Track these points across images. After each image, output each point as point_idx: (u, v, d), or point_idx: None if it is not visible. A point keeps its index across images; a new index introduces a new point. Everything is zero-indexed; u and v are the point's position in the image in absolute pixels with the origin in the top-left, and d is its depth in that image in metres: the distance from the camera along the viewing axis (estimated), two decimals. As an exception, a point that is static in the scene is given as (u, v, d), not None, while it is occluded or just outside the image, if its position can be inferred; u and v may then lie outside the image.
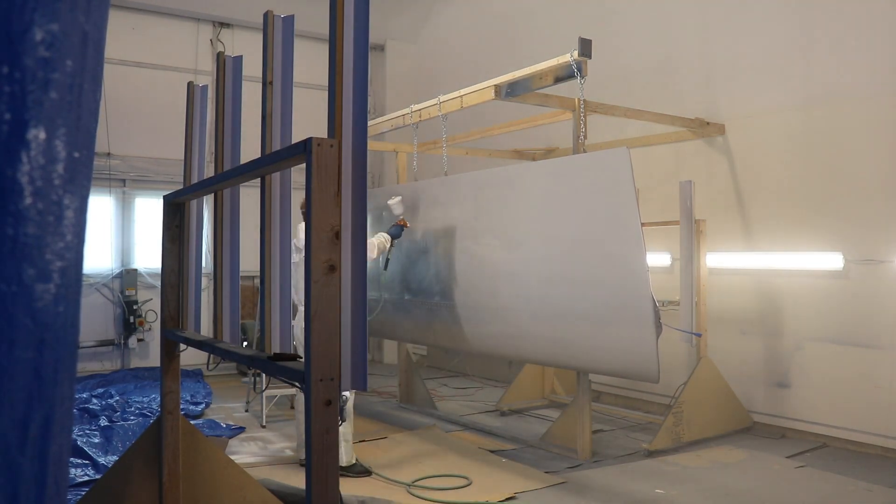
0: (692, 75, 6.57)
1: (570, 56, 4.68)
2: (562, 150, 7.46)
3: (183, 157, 3.35)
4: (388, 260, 5.67)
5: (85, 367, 8.32)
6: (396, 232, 5.47)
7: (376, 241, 5.19)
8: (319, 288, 1.77)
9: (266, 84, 2.49)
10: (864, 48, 5.32)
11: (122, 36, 8.63)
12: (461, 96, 5.55)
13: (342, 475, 4.50)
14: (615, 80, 6.88)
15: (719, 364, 5.78)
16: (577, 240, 4.72)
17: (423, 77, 10.37)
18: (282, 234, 2.42)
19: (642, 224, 4.36)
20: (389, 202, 5.67)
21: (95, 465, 4.59)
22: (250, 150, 2.52)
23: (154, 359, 8.22)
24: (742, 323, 6.06)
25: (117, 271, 8.68)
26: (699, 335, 5.58)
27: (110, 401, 6.36)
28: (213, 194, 2.91)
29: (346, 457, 4.58)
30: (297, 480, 4.42)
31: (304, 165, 1.84)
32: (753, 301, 6.00)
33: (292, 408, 6.60)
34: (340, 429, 4.47)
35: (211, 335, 2.99)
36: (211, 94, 3.18)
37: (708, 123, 6.14)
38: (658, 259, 6.62)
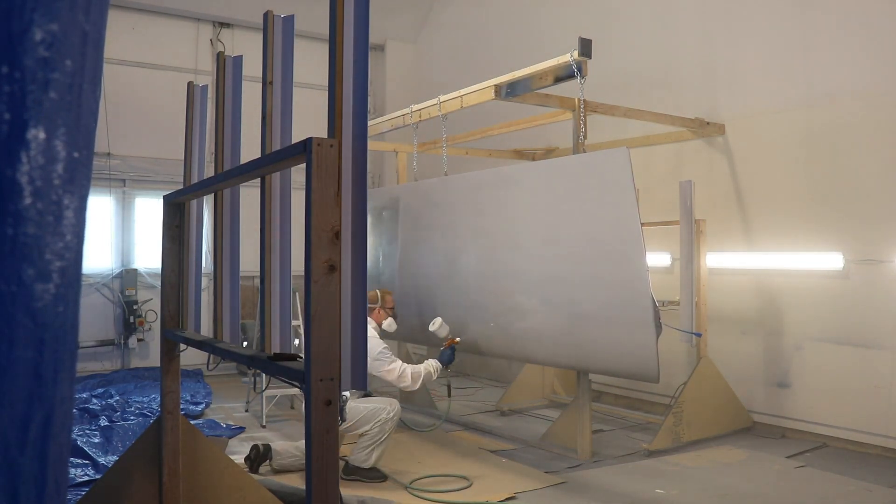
0: (692, 75, 6.57)
1: (570, 56, 4.68)
2: (562, 150, 7.46)
3: (183, 157, 3.35)
4: (449, 386, 5.01)
5: (85, 367, 8.32)
6: (449, 357, 4.83)
7: (423, 371, 4.64)
8: (319, 288, 1.77)
9: (266, 84, 2.49)
10: (865, 48, 5.31)
11: (122, 36, 8.62)
12: (461, 96, 5.55)
13: (356, 479, 4.49)
14: (615, 80, 6.88)
15: (719, 364, 5.78)
16: (577, 240, 4.72)
17: (423, 77, 10.37)
18: (282, 234, 2.42)
19: (642, 224, 4.36)
20: (431, 328, 5.03)
21: (95, 465, 4.59)
22: (250, 150, 2.52)
23: (154, 359, 8.22)
24: (742, 323, 6.06)
25: (117, 271, 8.67)
26: (699, 335, 5.57)
27: (110, 401, 6.36)
28: (213, 194, 2.91)
29: (373, 458, 4.51)
30: (297, 480, 4.42)
31: (304, 165, 1.84)
32: (753, 301, 6.00)
33: (292, 408, 6.61)
34: (382, 436, 4.45)
35: (211, 335, 2.99)
36: (211, 94, 3.18)
37: (708, 123, 6.14)
38: (658, 259, 6.62)
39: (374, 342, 4.61)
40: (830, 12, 5.52)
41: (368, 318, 4.79)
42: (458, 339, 5.03)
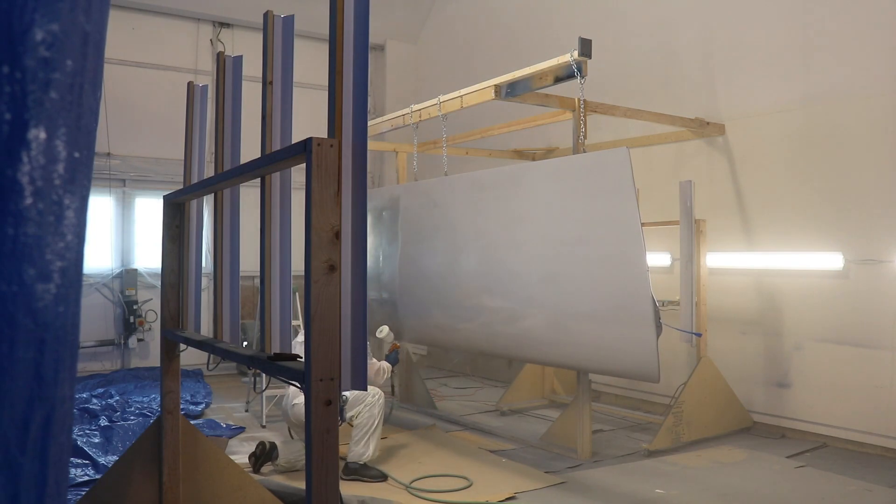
0: (692, 75, 6.57)
1: (570, 56, 4.68)
2: (562, 150, 7.46)
3: (183, 157, 3.35)
4: (393, 386, 5.78)
5: (85, 367, 8.32)
6: (395, 359, 5.49)
7: (386, 367, 5.23)
8: (319, 288, 1.77)
9: (266, 84, 2.49)
10: (864, 48, 5.32)
11: (122, 36, 8.62)
12: (461, 96, 5.55)
13: (356, 479, 4.50)
14: (615, 80, 6.88)
15: (719, 364, 5.78)
16: (578, 240, 4.72)
17: (423, 77, 10.37)
18: (282, 234, 2.42)
19: (642, 224, 4.36)
20: (379, 335, 5.67)
21: (95, 465, 4.59)
22: (250, 150, 2.52)
23: (154, 359, 8.22)
24: (742, 323, 6.06)
25: (117, 271, 8.67)
26: (699, 335, 5.58)
27: (110, 401, 6.36)
28: (213, 194, 2.91)
29: (371, 450, 4.58)
30: (297, 480, 4.42)
31: (304, 165, 1.84)
32: (753, 301, 6.00)
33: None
34: (372, 423, 4.59)
35: (211, 335, 2.99)
36: (211, 94, 3.18)
37: (708, 123, 6.14)
38: (658, 259, 6.62)
39: None
40: (830, 12, 5.52)
41: None
42: (398, 344, 5.76)
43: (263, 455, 4.59)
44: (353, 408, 4.59)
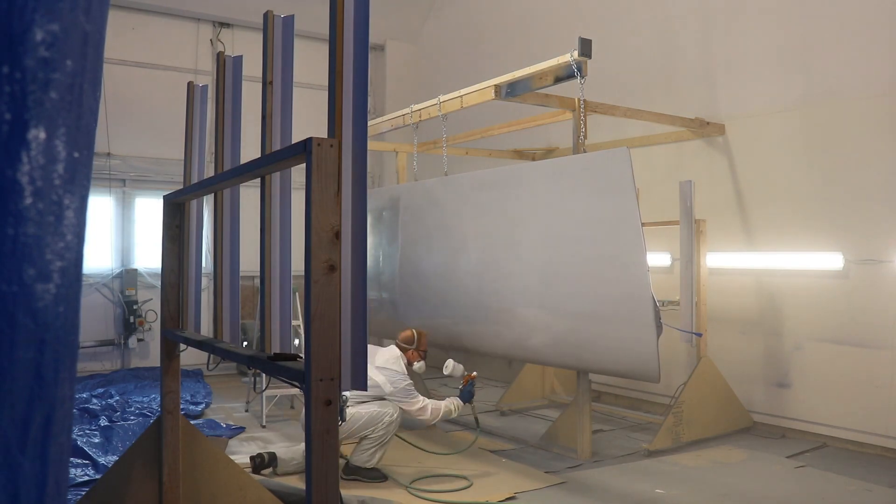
0: (692, 75, 6.57)
1: (570, 56, 4.68)
2: (562, 150, 7.46)
3: (183, 157, 3.35)
4: (476, 418, 4.95)
5: (85, 367, 8.32)
6: (469, 394, 4.75)
7: (443, 408, 4.63)
8: (319, 288, 1.77)
9: (266, 84, 2.49)
10: (864, 48, 5.32)
11: (122, 36, 8.62)
12: (461, 96, 5.55)
13: (356, 479, 4.49)
14: (615, 80, 6.88)
15: (719, 364, 5.78)
16: (578, 240, 4.72)
17: (423, 77, 10.37)
18: (282, 234, 2.42)
19: (642, 224, 4.36)
20: (445, 371, 4.91)
21: (95, 465, 4.58)
22: (250, 150, 2.52)
23: (154, 359, 8.22)
24: (742, 323, 6.06)
25: (117, 271, 8.67)
26: (699, 335, 5.57)
27: (110, 401, 6.36)
28: (213, 194, 2.91)
29: (376, 459, 4.52)
30: (297, 481, 4.42)
31: (304, 165, 1.84)
32: (753, 301, 6.00)
33: (292, 408, 6.61)
34: (385, 438, 4.48)
35: (211, 335, 2.99)
36: (211, 94, 3.18)
37: (708, 123, 6.14)
38: (658, 259, 6.62)
39: (401, 377, 4.62)
40: (830, 12, 5.52)
41: (400, 355, 4.77)
42: (474, 373, 4.88)
43: (262, 465, 4.55)
44: (371, 426, 4.46)
